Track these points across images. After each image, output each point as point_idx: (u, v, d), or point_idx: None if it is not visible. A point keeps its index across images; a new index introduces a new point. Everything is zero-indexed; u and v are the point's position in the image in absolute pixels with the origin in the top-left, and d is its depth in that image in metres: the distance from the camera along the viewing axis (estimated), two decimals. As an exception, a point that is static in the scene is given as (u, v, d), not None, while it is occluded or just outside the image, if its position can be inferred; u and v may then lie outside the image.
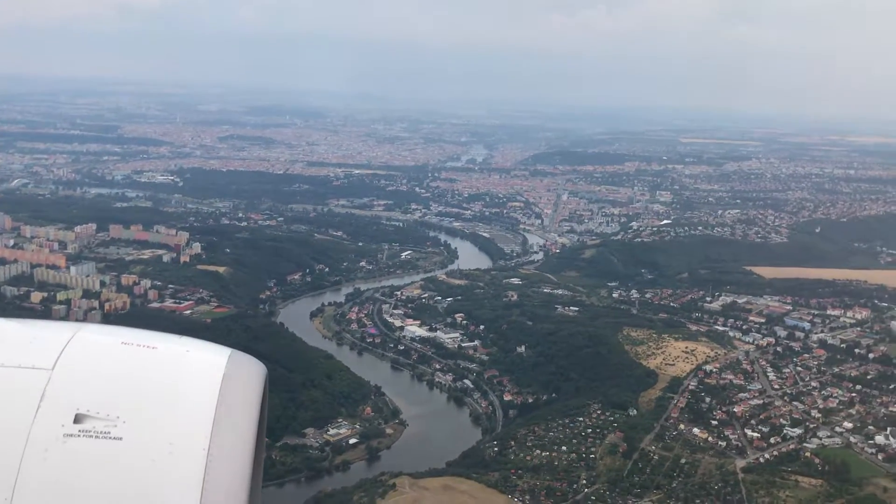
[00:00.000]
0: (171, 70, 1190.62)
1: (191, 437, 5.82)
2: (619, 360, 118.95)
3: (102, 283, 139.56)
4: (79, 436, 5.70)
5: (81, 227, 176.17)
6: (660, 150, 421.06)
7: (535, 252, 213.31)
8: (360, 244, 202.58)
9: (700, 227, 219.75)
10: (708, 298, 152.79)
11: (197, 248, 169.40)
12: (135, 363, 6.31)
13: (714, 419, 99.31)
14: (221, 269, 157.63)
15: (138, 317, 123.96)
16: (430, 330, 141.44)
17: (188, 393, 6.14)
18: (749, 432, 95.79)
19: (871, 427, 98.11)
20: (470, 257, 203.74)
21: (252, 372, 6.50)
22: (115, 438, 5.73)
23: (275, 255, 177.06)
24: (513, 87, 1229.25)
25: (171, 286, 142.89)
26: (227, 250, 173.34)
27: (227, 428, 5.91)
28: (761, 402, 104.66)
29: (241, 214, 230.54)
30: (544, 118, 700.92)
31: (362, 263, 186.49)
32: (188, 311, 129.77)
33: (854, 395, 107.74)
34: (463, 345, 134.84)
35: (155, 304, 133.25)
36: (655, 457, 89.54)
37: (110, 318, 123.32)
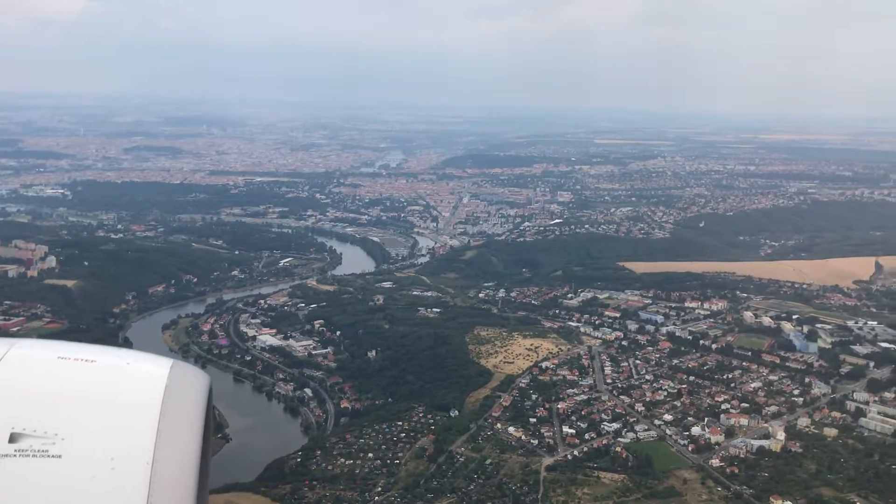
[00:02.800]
0: (92, 82, 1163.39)
1: (133, 451, 5.61)
2: (457, 360, 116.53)
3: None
4: (14, 456, 5.45)
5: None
6: (572, 152, 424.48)
7: (423, 255, 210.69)
8: (237, 252, 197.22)
9: (587, 226, 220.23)
10: (570, 295, 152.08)
11: (52, 261, 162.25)
12: (73, 378, 6.06)
13: (534, 417, 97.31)
14: (71, 283, 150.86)
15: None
16: (284, 338, 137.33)
17: (129, 406, 5.91)
18: (566, 429, 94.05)
19: (690, 418, 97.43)
20: (355, 262, 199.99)
21: (195, 382, 6.28)
22: (53, 456, 5.50)
23: (139, 267, 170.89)
24: (441, 92, 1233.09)
25: (6, 302, 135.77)
26: (86, 263, 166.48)
27: (171, 440, 5.70)
28: (587, 397, 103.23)
29: (119, 226, 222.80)
30: (471, 123, 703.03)
31: (234, 272, 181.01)
32: (16, 328, 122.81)
33: (685, 386, 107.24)
34: (313, 352, 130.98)
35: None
36: (462, 459, 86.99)
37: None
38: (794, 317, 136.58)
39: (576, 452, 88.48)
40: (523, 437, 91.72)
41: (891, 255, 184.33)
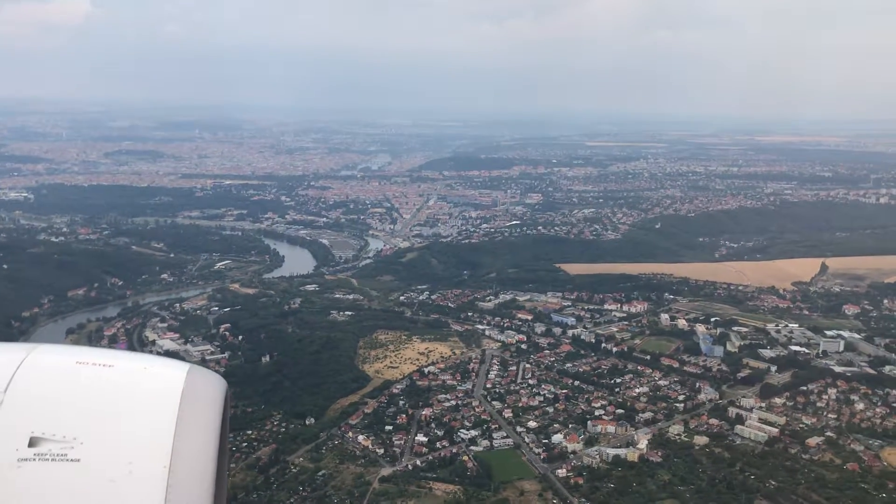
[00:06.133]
0: (96, 88, 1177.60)
1: (151, 456, 5.57)
2: (338, 365, 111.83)
3: None
4: (34, 460, 5.42)
5: None
6: (558, 154, 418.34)
7: (368, 257, 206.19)
8: (172, 255, 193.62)
9: (540, 227, 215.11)
10: (489, 297, 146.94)
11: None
12: (91, 383, 6.05)
13: (392, 424, 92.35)
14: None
15: None
16: (184, 343, 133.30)
17: (147, 411, 5.89)
18: (420, 437, 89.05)
19: (557, 425, 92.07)
20: (296, 264, 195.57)
21: (212, 387, 6.26)
22: (72, 461, 5.45)
23: (62, 270, 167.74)
24: (444, 95, 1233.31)
25: None
26: (5, 266, 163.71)
27: (188, 445, 5.67)
28: (456, 403, 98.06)
29: (66, 229, 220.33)
30: (469, 126, 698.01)
31: (164, 275, 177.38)
32: None
33: (566, 391, 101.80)
34: (208, 357, 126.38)
35: None
36: (295, 469, 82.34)
37: None
38: (713, 319, 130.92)
39: (419, 462, 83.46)
40: (370, 447, 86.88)
41: (841, 256, 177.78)
